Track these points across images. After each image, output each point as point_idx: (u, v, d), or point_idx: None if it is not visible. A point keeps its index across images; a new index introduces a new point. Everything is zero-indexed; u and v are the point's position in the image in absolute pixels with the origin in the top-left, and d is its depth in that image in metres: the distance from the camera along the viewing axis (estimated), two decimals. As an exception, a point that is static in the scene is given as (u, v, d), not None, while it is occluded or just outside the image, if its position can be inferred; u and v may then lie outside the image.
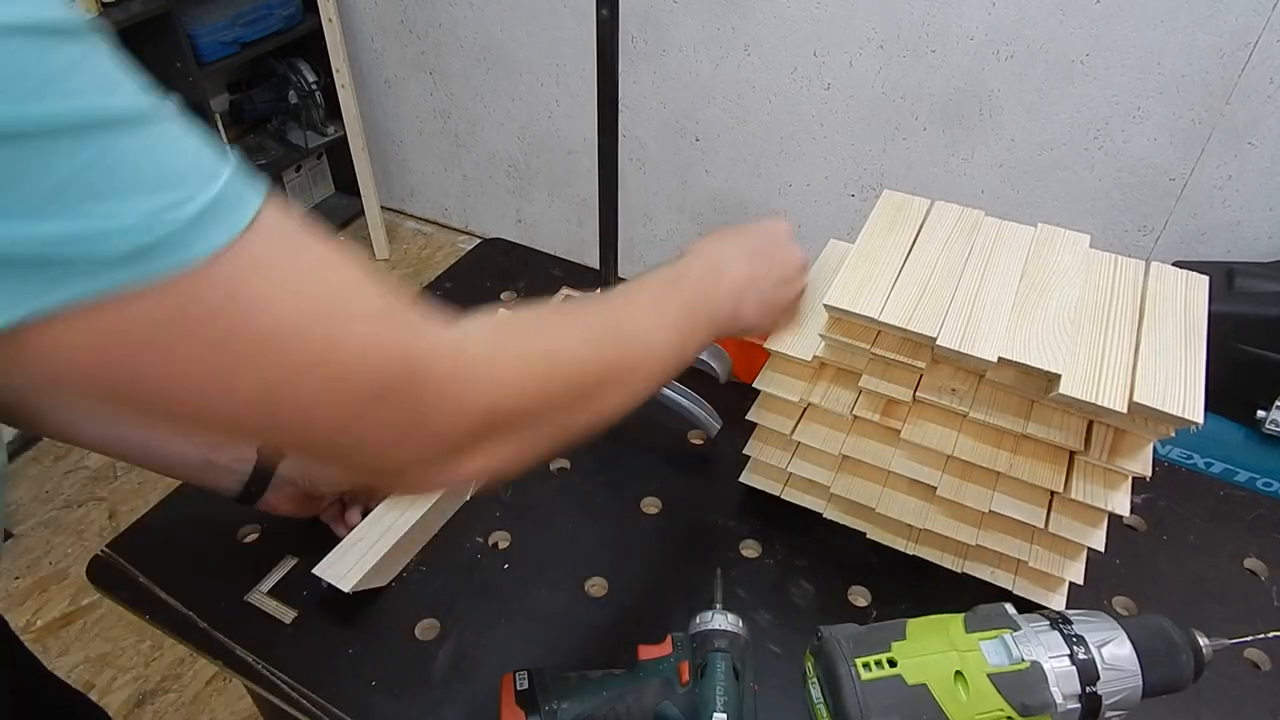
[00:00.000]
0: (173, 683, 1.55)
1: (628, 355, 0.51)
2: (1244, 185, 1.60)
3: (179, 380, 0.31)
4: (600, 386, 0.49)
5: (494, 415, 0.41)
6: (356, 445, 0.37)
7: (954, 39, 1.69)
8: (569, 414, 0.47)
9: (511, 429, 0.42)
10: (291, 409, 0.34)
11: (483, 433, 0.40)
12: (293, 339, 0.33)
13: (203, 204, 0.30)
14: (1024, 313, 0.62)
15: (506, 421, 0.42)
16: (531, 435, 0.44)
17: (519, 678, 0.58)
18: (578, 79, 2.18)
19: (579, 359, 0.47)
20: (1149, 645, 0.52)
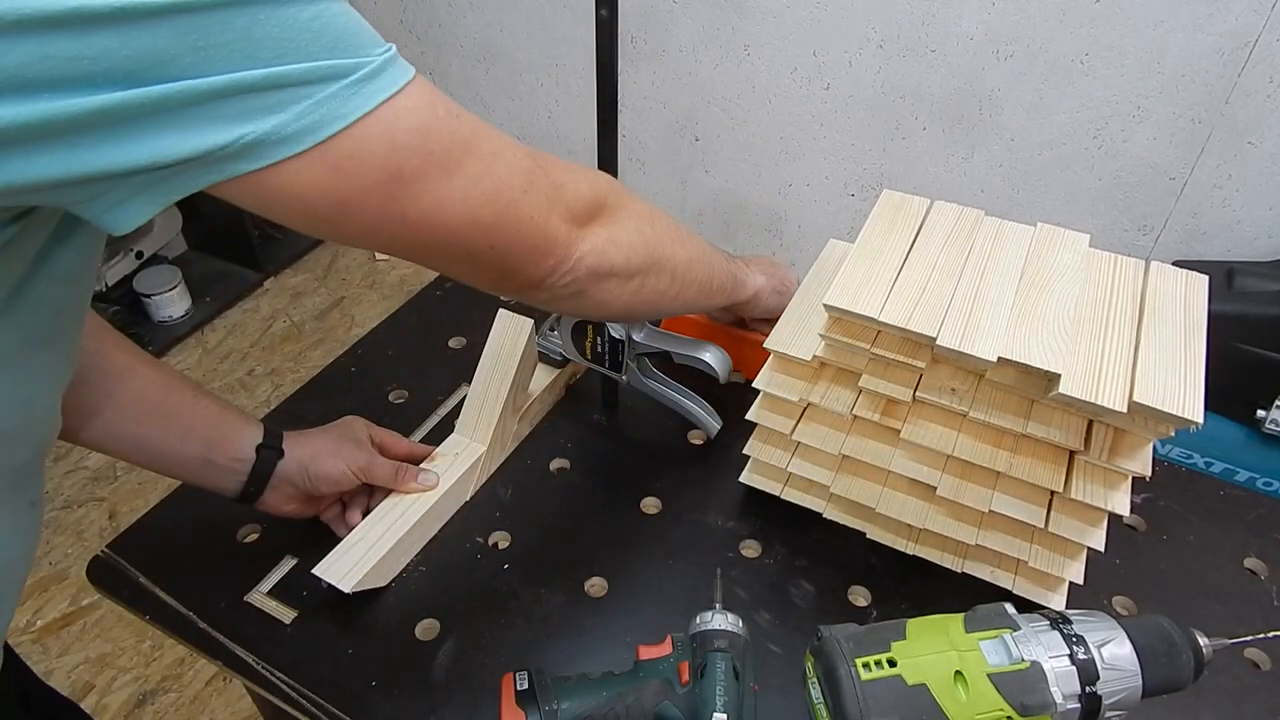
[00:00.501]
0: (173, 683, 1.55)
1: (687, 235, 0.66)
2: (1244, 185, 1.60)
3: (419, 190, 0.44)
4: (671, 232, 0.64)
5: (599, 200, 0.56)
6: (525, 224, 0.50)
7: (954, 39, 1.69)
8: (654, 232, 0.61)
9: (613, 221, 0.57)
10: (483, 193, 0.47)
11: (596, 211, 0.56)
12: (476, 140, 0.47)
13: (393, 53, 0.42)
14: (1024, 312, 0.62)
15: (611, 209, 0.57)
16: (628, 235, 0.58)
17: (519, 678, 0.58)
18: (578, 79, 2.18)
19: (649, 206, 0.64)
20: (1149, 645, 0.53)
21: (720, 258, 0.72)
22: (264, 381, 2.19)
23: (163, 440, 0.65)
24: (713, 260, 0.70)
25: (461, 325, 1.01)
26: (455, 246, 0.48)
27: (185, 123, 0.36)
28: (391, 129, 0.42)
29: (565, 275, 0.54)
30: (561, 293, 0.55)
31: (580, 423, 0.89)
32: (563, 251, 0.53)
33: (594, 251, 0.55)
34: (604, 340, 0.81)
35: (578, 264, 0.54)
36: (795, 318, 0.73)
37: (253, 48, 0.36)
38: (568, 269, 0.54)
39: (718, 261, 0.71)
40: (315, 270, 2.56)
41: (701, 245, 0.69)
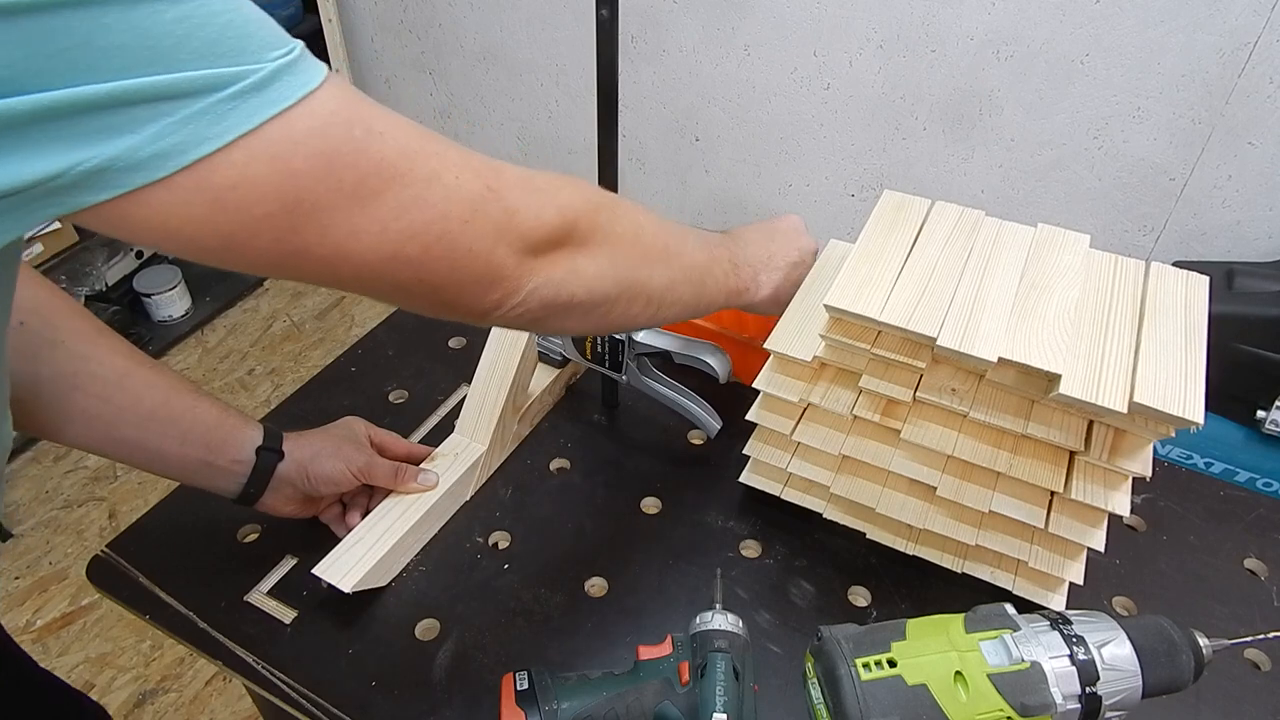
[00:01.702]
0: (173, 683, 1.55)
1: (680, 253, 0.61)
2: (1244, 185, 1.60)
3: (322, 208, 0.38)
4: (656, 254, 0.58)
5: (566, 226, 0.49)
6: (462, 257, 0.44)
7: (954, 39, 1.69)
8: (629, 260, 0.55)
9: (580, 250, 0.50)
10: (409, 225, 0.41)
11: (560, 238, 0.49)
12: (405, 164, 0.40)
13: (293, 57, 0.37)
14: (1024, 313, 0.62)
15: (581, 235, 0.50)
16: (596, 264, 0.52)
17: (519, 678, 0.58)
18: (578, 79, 2.18)
19: (642, 221, 0.57)
20: (1149, 645, 0.53)
21: (717, 271, 0.66)
22: (264, 381, 2.19)
23: (162, 443, 0.65)
24: (703, 278, 0.64)
25: (461, 325, 1.01)
26: (376, 280, 0.43)
27: (7, 148, 0.31)
28: (285, 152, 0.35)
29: (515, 308, 0.48)
30: (514, 323, 0.50)
31: (580, 423, 0.89)
32: (511, 284, 0.47)
33: (549, 284, 0.49)
34: (604, 340, 0.81)
35: (529, 296, 0.48)
36: (795, 318, 0.73)
37: (96, 58, 0.30)
38: (517, 301, 0.48)
39: (711, 278, 0.65)
40: (315, 270, 2.56)
41: (691, 262, 0.62)
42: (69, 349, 0.60)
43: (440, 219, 0.42)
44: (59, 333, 0.60)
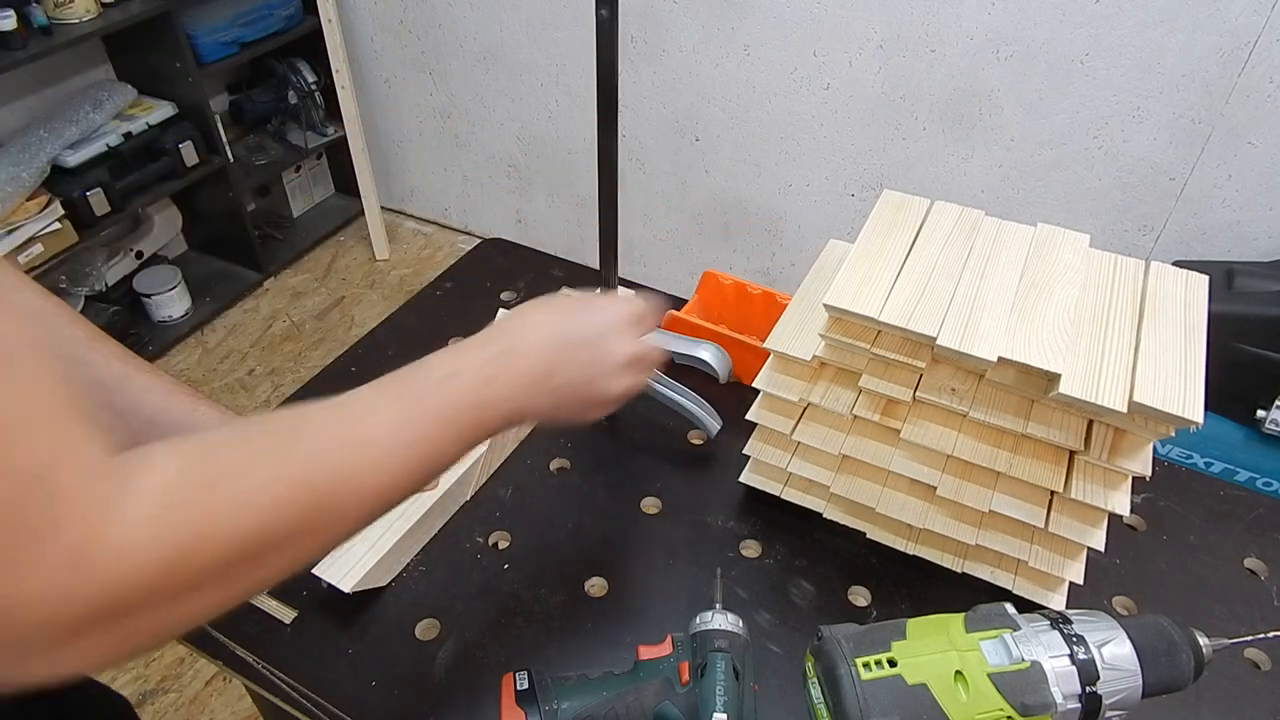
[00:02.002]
0: (173, 683, 1.55)
1: (322, 520, 0.43)
2: (1244, 185, 1.60)
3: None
4: (271, 556, 0.41)
5: (114, 607, 0.34)
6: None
7: (954, 39, 1.69)
8: (213, 594, 0.39)
9: (140, 614, 0.35)
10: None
11: (100, 621, 0.34)
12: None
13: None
14: (1024, 312, 0.62)
15: (137, 607, 0.35)
16: (162, 618, 0.37)
17: (519, 678, 0.58)
18: (578, 79, 2.18)
19: (257, 528, 0.39)
20: (1149, 645, 0.53)
21: (430, 424, 0.49)
22: (264, 381, 2.19)
23: None
24: (420, 450, 0.48)
25: (461, 325, 1.01)
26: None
27: None
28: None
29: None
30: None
31: (580, 423, 0.89)
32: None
33: (74, 671, 0.35)
34: (604, 340, 0.81)
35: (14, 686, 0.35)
36: (795, 318, 0.73)
37: None
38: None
39: (431, 438, 0.49)
40: (315, 270, 2.56)
41: (391, 451, 0.47)
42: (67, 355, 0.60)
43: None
44: (55, 338, 0.60)
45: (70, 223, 1.91)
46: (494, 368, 0.52)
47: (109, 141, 1.98)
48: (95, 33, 1.88)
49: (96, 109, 1.97)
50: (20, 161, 1.82)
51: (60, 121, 1.92)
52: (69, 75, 2.09)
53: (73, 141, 1.92)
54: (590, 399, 0.57)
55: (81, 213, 1.92)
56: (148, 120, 2.05)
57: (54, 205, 1.87)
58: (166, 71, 2.08)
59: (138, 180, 2.05)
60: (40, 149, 1.86)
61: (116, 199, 1.99)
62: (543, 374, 0.54)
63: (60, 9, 1.83)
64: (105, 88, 2.04)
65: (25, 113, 2.02)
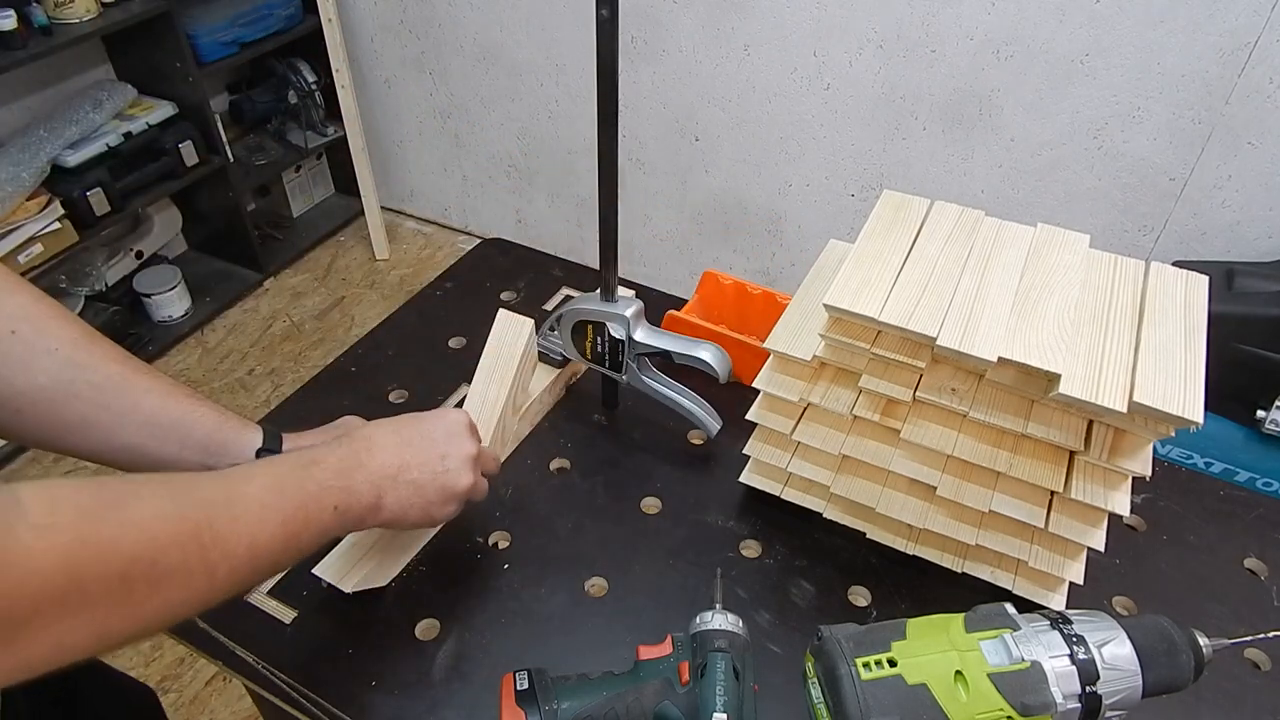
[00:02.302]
0: (173, 683, 1.55)
1: (209, 554, 0.47)
2: (1244, 185, 1.60)
3: None
4: (162, 584, 0.44)
5: (14, 611, 0.37)
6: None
7: (954, 39, 1.69)
8: (111, 615, 0.42)
9: (31, 627, 0.38)
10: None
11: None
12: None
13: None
14: (1024, 312, 0.62)
15: (26, 618, 0.37)
16: (54, 636, 0.39)
17: (519, 678, 0.58)
18: (578, 79, 2.18)
19: (145, 553, 0.43)
20: (1149, 645, 0.53)
21: (292, 504, 0.53)
22: (264, 381, 2.19)
23: (162, 449, 0.64)
24: (278, 545, 0.52)
25: (461, 325, 1.01)
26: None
27: None
28: None
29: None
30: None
31: (580, 423, 0.89)
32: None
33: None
34: (604, 340, 0.81)
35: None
36: (795, 318, 0.73)
37: None
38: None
39: (292, 530, 0.53)
40: (315, 270, 2.56)
41: (247, 548, 0.49)
42: (64, 356, 0.60)
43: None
44: (52, 340, 0.59)
45: (70, 222, 1.91)
46: (351, 462, 0.59)
47: (109, 141, 1.98)
48: (95, 33, 1.88)
49: (96, 109, 1.97)
50: (20, 161, 1.82)
51: (60, 121, 1.92)
52: (69, 75, 2.09)
53: (73, 141, 1.92)
54: (444, 490, 0.63)
55: (81, 213, 1.93)
56: (148, 120, 2.06)
57: (54, 205, 1.87)
58: (166, 71, 2.08)
59: (138, 180, 2.05)
60: (40, 149, 1.86)
61: (116, 199, 1.99)
62: (397, 468, 0.60)
63: (60, 9, 1.83)
64: (105, 88, 2.04)
65: (25, 113, 2.02)
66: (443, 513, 0.64)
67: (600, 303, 0.79)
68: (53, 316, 0.61)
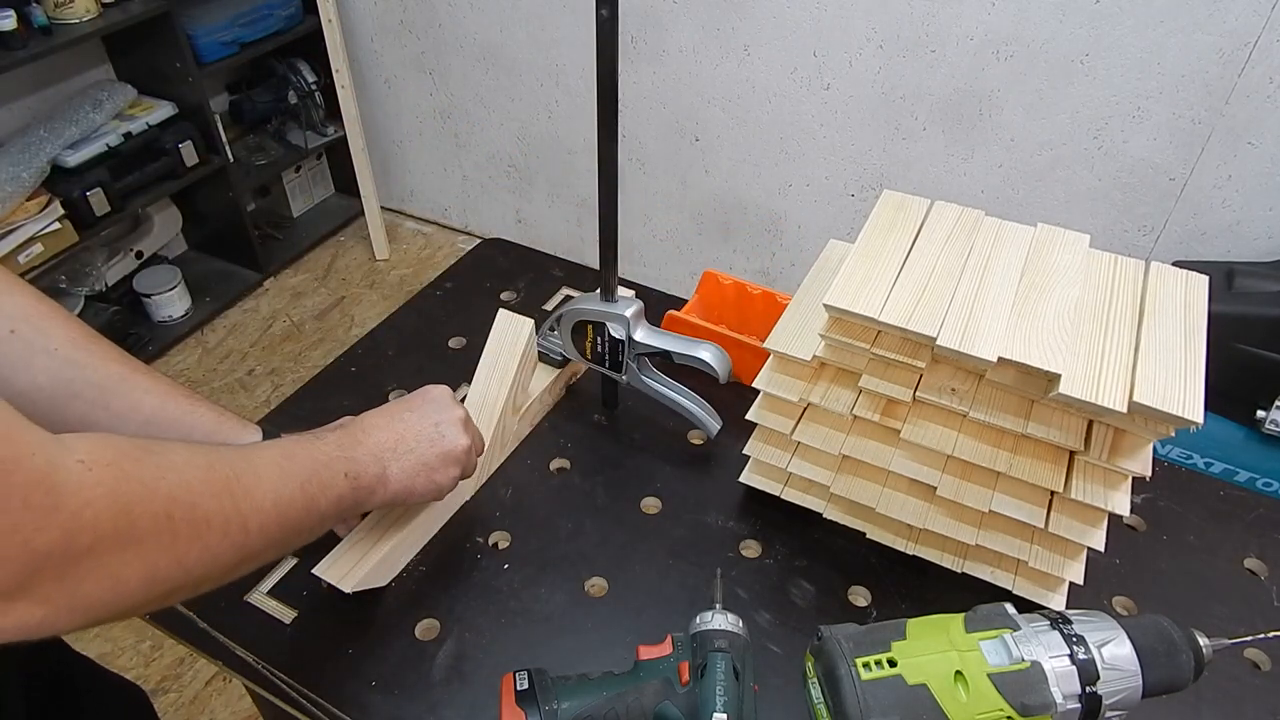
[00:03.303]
0: (173, 683, 1.55)
1: (241, 504, 0.48)
2: (1244, 185, 1.60)
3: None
4: (202, 528, 0.45)
5: (72, 542, 0.38)
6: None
7: (954, 39, 1.69)
8: (159, 555, 0.43)
9: (88, 560, 0.39)
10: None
11: (50, 566, 0.37)
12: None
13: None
14: (1024, 312, 0.62)
15: (84, 550, 0.38)
16: (109, 572, 0.40)
17: (519, 678, 0.58)
18: (578, 79, 2.18)
19: (184, 496, 0.44)
20: (1149, 645, 0.53)
21: (324, 479, 0.56)
22: (264, 381, 2.19)
23: None
24: (302, 502, 0.54)
25: (461, 325, 1.01)
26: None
27: None
28: None
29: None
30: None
31: (580, 423, 0.89)
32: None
33: (20, 629, 0.38)
34: (604, 340, 0.81)
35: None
36: (795, 318, 0.73)
37: None
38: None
39: (315, 496, 0.55)
40: (315, 270, 2.56)
41: (275, 497, 0.52)
42: (63, 356, 0.60)
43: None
44: (51, 340, 0.59)
45: (70, 223, 1.91)
46: (349, 440, 0.62)
47: (109, 141, 1.98)
48: (95, 33, 1.88)
49: (96, 109, 1.97)
50: (20, 161, 1.82)
51: (60, 121, 1.92)
52: (69, 75, 2.09)
53: (73, 141, 1.92)
54: (444, 454, 0.66)
55: (81, 213, 1.92)
56: (148, 120, 2.06)
57: (54, 205, 1.87)
58: (166, 71, 2.08)
59: (138, 180, 2.05)
60: (40, 149, 1.86)
61: (116, 199, 1.99)
62: (395, 440, 0.64)
63: (60, 9, 1.83)
64: (105, 88, 2.04)
65: (25, 113, 2.02)
66: (447, 477, 0.66)
67: (600, 303, 0.79)
68: (52, 316, 0.61)
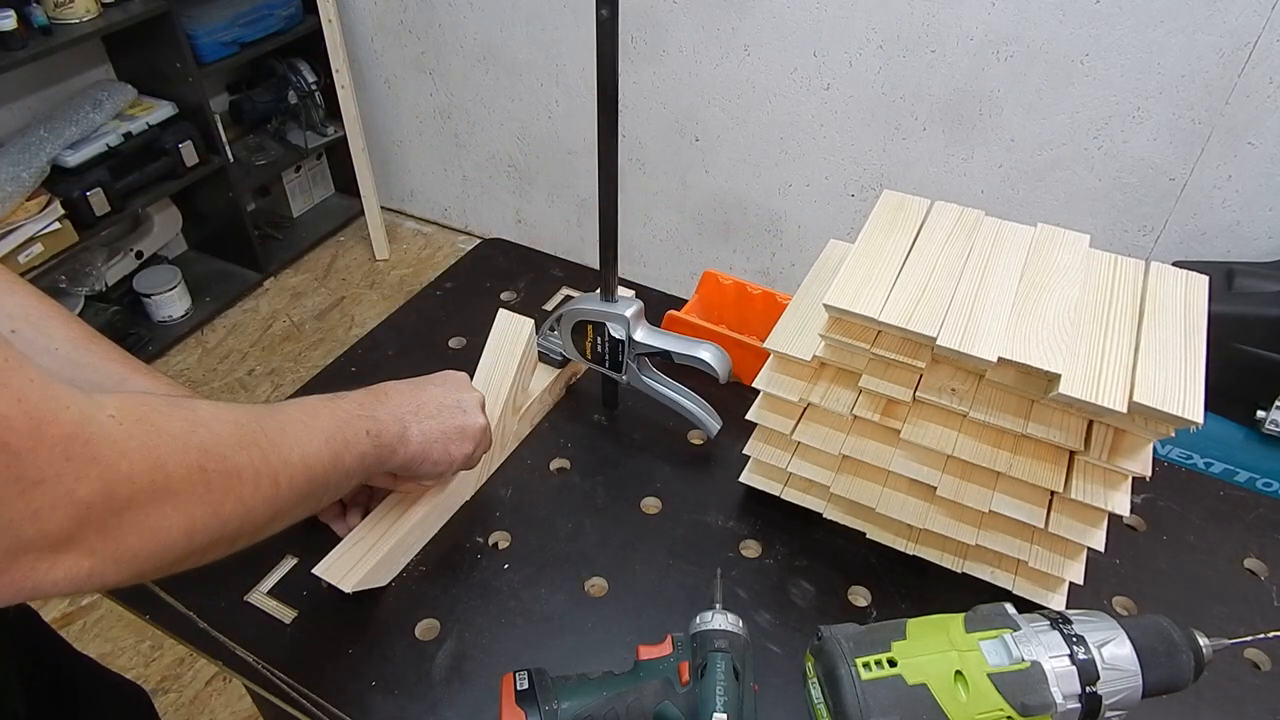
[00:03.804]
0: (173, 683, 1.55)
1: (269, 457, 0.49)
2: (1243, 185, 1.60)
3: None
4: (234, 480, 0.46)
5: (112, 493, 0.38)
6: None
7: (954, 39, 1.69)
8: (195, 506, 0.43)
9: (129, 513, 0.40)
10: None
11: (94, 517, 0.38)
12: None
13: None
14: (1024, 312, 0.62)
15: (124, 502, 0.39)
16: (150, 524, 0.41)
17: (519, 678, 0.58)
18: (578, 79, 2.18)
19: (215, 448, 0.45)
20: (1149, 645, 0.53)
21: (347, 436, 0.57)
22: (264, 381, 2.19)
23: None
24: (327, 459, 0.55)
25: (461, 325, 1.01)
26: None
27: None
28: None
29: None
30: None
31: (580, 423, 0.89)
32: (12, 592, 0.37)
33: (70, 581, 0.39)
34: (604, 340, 0.81)
35: (39, 591, 0.38)
36: (795, 318, 0.73)
37: None
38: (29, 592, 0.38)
39: (339, 450, 0.56)
40: (315, 270, 2.56)
41: (304, 451, 0.52)
42: (64, 356, 0.60)
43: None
44: (53, 340, 0.59)
45: (70, 223, 1.91)
46: (370, 400, 0.62)
47: (109, 141, 1.98)
48: (95, 33, 1.88)
49: (96, 109, 1.97)
50: (20, 161, 1.82)
51: (60, 121, 1.92)
52: (69, 75, 2.09)
53: (73, 141, 1.92)
54: (462, 429, 0.67)
55: (81, 213, 1.93)
56: (148, 120, 2.06)
57: (54, 205, 1.87)
58: (166, 71, 2.08)
59: (138, 180, 2.05)
60: (40, 149, 1.86)
61: (116, 199, 1.99)
62: (417, 405, 0.65)
63: (60, 9, 1.83)
64: (105, 88, 2.04)
65: (25, 113, 2.02)
66: (461, 451, 0.67)
67: (600, 303, 0.79)
68: (53, 316, 0.61)
